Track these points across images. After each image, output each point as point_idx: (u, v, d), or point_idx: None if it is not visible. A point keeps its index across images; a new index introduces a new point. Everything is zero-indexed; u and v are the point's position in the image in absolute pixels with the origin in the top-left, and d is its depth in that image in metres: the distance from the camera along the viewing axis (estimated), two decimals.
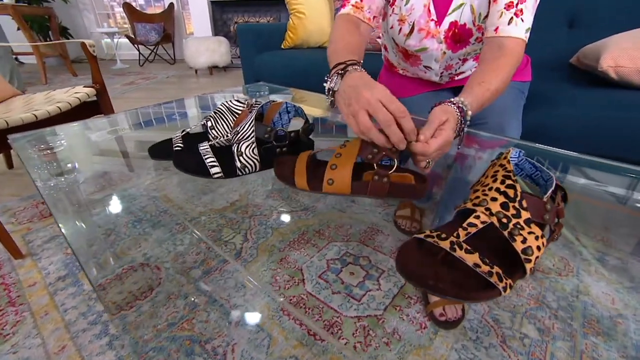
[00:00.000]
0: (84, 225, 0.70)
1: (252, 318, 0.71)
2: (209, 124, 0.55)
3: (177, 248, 0.90)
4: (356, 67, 0.52)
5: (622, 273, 0.85)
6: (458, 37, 0.76)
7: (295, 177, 0.42)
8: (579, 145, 0.84)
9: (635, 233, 0.98)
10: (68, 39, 4.53)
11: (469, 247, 0.29)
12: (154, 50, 4.51)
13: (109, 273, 0.81)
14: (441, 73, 0.86)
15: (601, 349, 0.65)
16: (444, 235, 0.30)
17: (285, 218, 1.07)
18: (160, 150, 0.56)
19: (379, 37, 1.54)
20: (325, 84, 0.53)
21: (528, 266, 0.28)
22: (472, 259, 0.28)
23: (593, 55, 0.91)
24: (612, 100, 0.81)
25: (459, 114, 0.48)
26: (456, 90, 0.93)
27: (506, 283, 0.27)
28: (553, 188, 0.32)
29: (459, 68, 0.85)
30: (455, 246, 0.29)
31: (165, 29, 4.35)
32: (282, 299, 0.76)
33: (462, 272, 0.28)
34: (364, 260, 0.88)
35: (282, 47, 1.73)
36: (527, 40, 0.61)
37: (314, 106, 1.11)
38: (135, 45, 4.32)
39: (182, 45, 3.71)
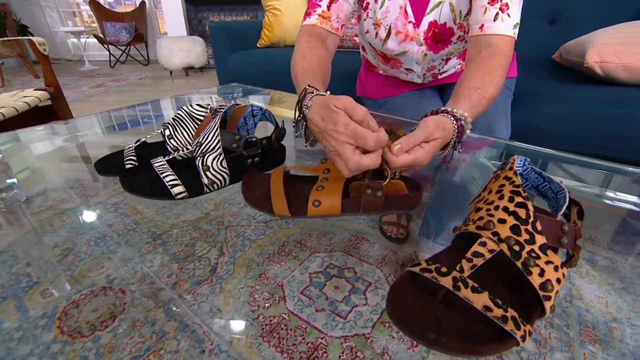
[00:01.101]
0: (32, 245, 0.61)
1: (228, 347, 0.64)
2: (167, 132, 0.47)
3: (145, 268, 0.82)
4: (313, 95, 0.48)
5: (612, 273, 0.83)
6: (439, 37, 0.72)
7: (272, 201, 0.36)
8: (566, 143, 0.82)
9: (620, 230, 0.97)
10: None
11: (475, 285, 0.23)
12: (126, 51, 4.32)
13: (62, 301, 0.72)
14: (424, 74, 0.82)
15: (600, 358, 0.62)
16: (444, 270, 0.24)
17: (264, 228, 1.00)
18: (111, 164, 0.48)
19: (356, 36, 1.49)
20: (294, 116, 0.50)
21: (548, 304, 0.23)
22: (480, 300, 0.22)
23: (577, 51, 0.89)
24: (599, 97, 0.79)
25: (455, 129, 0.43)
26: (440, 88, 0.89)
27: (525, 330, 0.22)
28: (567, 203, 0.27)
29: (442, 68, 0.81)
30: (460, 283, 0.23)
31: (137, 28, 4.17)
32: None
33: (469, 316, 0.23)
34: (349, 272, 0.82)
35: (258, 45, 1.65)
36: (515, 38, 0.57)
37: (292, 107, 1.04)
38: (105, 46, 4.12)
39: (156, 45, 3.55)
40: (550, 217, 0.26)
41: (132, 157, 0.44)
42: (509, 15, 0.57)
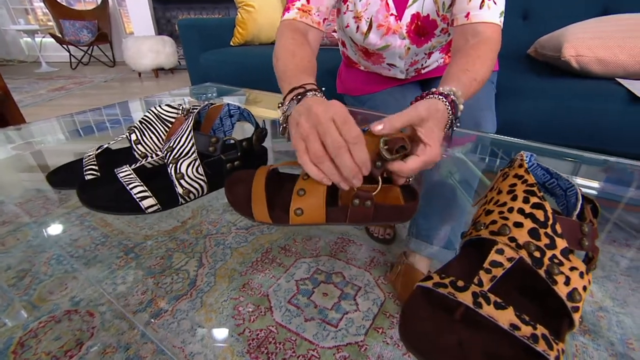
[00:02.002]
0: None
1: None
2: (133, 137, 0.42)
3: (117, 287, 0.75)
4: (316, 93, 0.43)
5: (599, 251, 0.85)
6: (422, 30, 0.70)
7: (252, 206, 0.32)
8: (547, 136, 0.82)
9: (600, 220, 1.00)
10: None
11: (498, 300, 0.20)
12: (88, 52, 4.07)
13: (18, 330, 0.64)
14: (406, 70, 0.80)
15: (591, 349, 0.62)
16: (460, 284, 0.21)
17: (245, 235, 0.95)
18: (68, 175, 0.42)
19: (335, 32, 1.46)
20: (278, 109, 0.43)
21: (576, 316, 0.21)
22: (506, 317, 0.20)
23: (552, 46, 0.90)
24: (576, 90, 0.80)
25: (447, 105, 0.39)
26: (423, 83, 0.87)
27: (558, 350, 0.19)
28: (581, 202, 0.25)
29: (425, 62, 0.79)
30: (480, 299, 0.20)
31: (100, 27, 3.94)
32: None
33: (494, 337, 0.20)
34: (337, 276, 0.79)
35: (232, 44, 1.58)
36: (502, 26, 0.56)
37: (269, 107, 1.00)
38: (64, 46, 3.85)
39: (122, 45, 3.37)
40: (568, 217, 0.24)
41: (93, 167, 0.38)
42: (495, 3, 0.56)
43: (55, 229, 0.89)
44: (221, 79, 1.37)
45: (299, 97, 0.41)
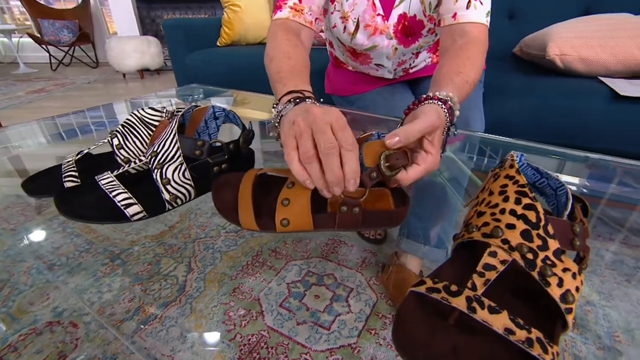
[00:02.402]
0: None
1: None
2: (115, 141, 0.40)
3: (103, 296, 0.72)
4: (315, 102, 0.41)
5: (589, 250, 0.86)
6: (409, 30, 0.70)
7: (239, 212, 0.31)
8: (534, 134, 0.84)
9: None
10: None
11: (492, 304, 0.20)
12: (70, 52, 3.95)
13: None
14: (394, 70, 0.80)
15: (579, 343, 0.64)
16: (454, 288, 0.21)
17: (235, 238, 0.94)
18: (46, 183, 0.40)
19: (322, 32, 1.46)
20: (273, 109, 0.42)
21: (570, 318, 0.21)
22: (500, 321, 0.19)
23: (537, 45, 0.92)
24: (561, 89, 0.81)
25: (446, 112, 0.39)
26: (411, 82, 0.88)
27: (552, 353, 0.19)
28: (572, 201, 0.25)
29: (412, 62, 0.80)
30: (474, 304, 0.20)
31: (81, 27, 3.83)
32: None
33: (489, 341, 0.20)
34: (329, 278, 0.78)
35: (218, 44, 1.56)
36: (488, 25, 0.56)
37: (257, 109, 0.99)
38: (44, 46, 3.72)
39: (105, 46, 3.29)
40: (559, 218, 0.24)
41: (73, 173, 0.36)
42: (481, 3, 0.56)
43: (35, 236, 0.86)
44: (208, 80, 1.35)
45: (297, 100, 0.41)
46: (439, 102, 0.38)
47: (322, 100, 0.43)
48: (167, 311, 0.69)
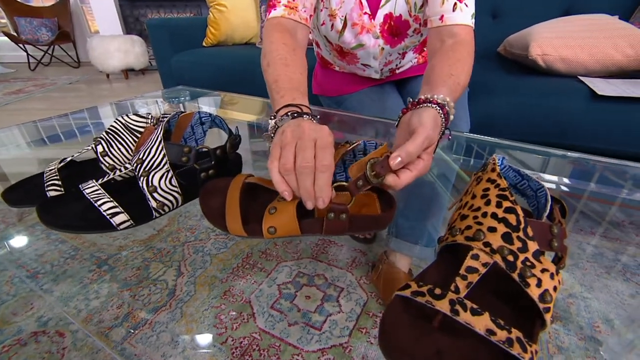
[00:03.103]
0: None
1: None
2: (100, 149, 0.40)
3: (90, 303, 0.71)
4: (312, 119, 0.42)
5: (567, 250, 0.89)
6: (395, 30, 0.71)
7: (226, 218, 0.31)
8: (515, 132, 0.85)
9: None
10: None
11: (474, 306, 0.21)
12: (49, 52, 3.83)
13: None
14: (381, 70, 0.80)
15: (562, 335, 0.66)
16: (438, 291, 0.22)
17: (225, 240, 0.94)
18: (28, 192, 0.39)
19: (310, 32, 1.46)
20: (270, 120, 0.43)
21: (548, 316, 0.22)
22: (482, 323, 0.20)
23: (520, 45, 0.94)
24: (543, 88, 0.83)
25: (442, 117, 0.39)
26: (398, 83, 0.88)
27: (531, 352, 0.20)
28: (551, 202, 0.26)
29: (399, 63, 0.80)
30: (457, 306, 0.21)
31: (61, 25, 3.72)
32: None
33: (471, 342, 0.20)
34: (320, 278, 0.79)
35: (204, 44, 1.54)
36: (473, 27, 0.57)
37: (244, 111, 0.98)
38: (21, 45, 3.60)
39: (87, 45, 3.21)
40: (538, 220, 0.25)
41: (56, 182, 0.35)
42: (466, 5, 0.57)
43: (17, 244, 0.84)
44: (194, 81, 1.33)
45: (295, 115, 0.42)
46: (437, 107, 0.39)
47: (317, 117, 0.44)
48: (157, 316, 0.68)
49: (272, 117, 0.43)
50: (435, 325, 0.21)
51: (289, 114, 0.42)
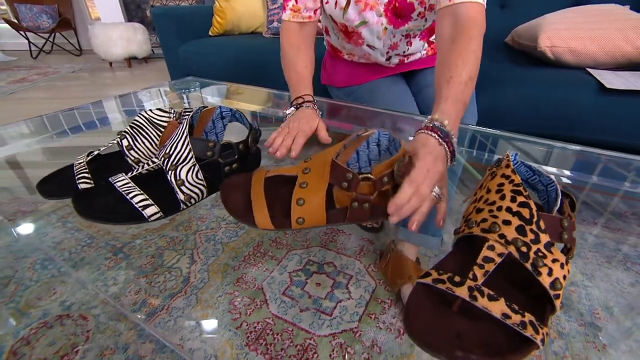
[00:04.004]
0: None
1: None
2: (125, 142, 0.41)
3: (109, 289, 0.74)
4: (309, 104, 0.63)
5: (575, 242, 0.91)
6: (399, 11, 0.71)
7: (254, 214, 0.32)
8: (523, 125, 0.86)
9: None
10: None
11: (491, 292, 0.23)
12: (50, 39, 3.80)
13: (8, 338, 0.63)
14: (387, 53, 0.80)
15: (563, 321, 0.68)
16: (457, 279, 0.24)
17: (235, 229, 0.96)
18: (59, 184, 0.41)
19: (319, 21, 1.45)
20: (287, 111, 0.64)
21: (557, 302, 0.24)
22: (498, 308, 0.22)
23: (529, 35, 0.93)
24: (552, 80, 0.84)
25: (445, 147, 0.40)
26: (407, 75, 0.89)
27: (543, 333, 0.22)
28: (561, 197, 0.28)
29: (407, 49, 0.80)
30: (475, 293, 0.23)
31: (61, 12, 3.68)
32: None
33: (488, 325, 0.22)
34: (329, 266, 0.81)
35: (210, 33, 1.53)
36: (485, 5, 0.57)
37: (250, 102, 0.99)
38: (22, 33, 3.57)
39: (88, 33, 3.18)
40: (549, 214, 0.27)
41: (86, 175, 0.37)
42: None
43: (35, 232, 0.86)
44: (202, 71, 1.33)
45: (299, 106, 0.62)
46: (432, 135, 0.40)
47: (315, 102, 0.66)
48: (173, 302, 0.71)
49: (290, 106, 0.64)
50: (455, 309, 0.23)
51: (295, 105, 0.63)
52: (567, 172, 0.63)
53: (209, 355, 0.61)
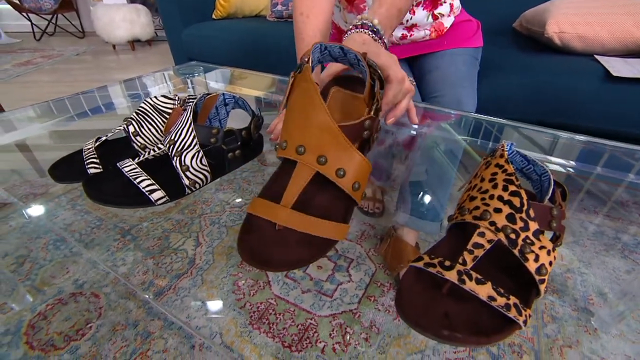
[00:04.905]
0: None
1: (219, 339, 0.64)
2: (131, 129, 0.42)
3: (118, 269, 0.77)
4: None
5: (566, 229, 0.92)
6: None
7: (321, 232, 0.28)
8: (526, 112, 0.86)
9: (571, 189, 1.07)
10: None
11: (479, 276, 0.24)
12: (53, 21, 3.77)
13: (26, 313, 0.66)
14: None
15: (557, 306, 0.70)
16: (447, 263, 0.25)
17: (239, 213, 0.98)
18: (69, 169, 0.42)
19: None
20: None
21: (542, 287, 0.25)
22: (485, 290, 0.24)
23: (537, 21, 0.91)
24: (558, 67, 0.83)
25: (379, 40, 0.43)
26: (410, 61, 0.88)
27: (525, 315, 0.23)
28: (553, 187, 0.29)
29: (410, 18, 0.78)
30: (464, 276, 0.24)
31: None
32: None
33: (474, 307, 0.24)
34: (331, 250, 0.84)
35: (214, 17, 1.51)
36: None
37: (254, 87, 0.99)
38: (24, 14, 3.54)
39: (91, 15, 3.14)
40: (540, 203, 0.28)
41: (94, 160, 0.39)
42: None
43: (47, 214, 0.89)
44: (205, 55, 1.33)
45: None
46: (363, 31, 0.44)
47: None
48: (179, 282, 0.74)
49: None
50: (445, 292, 0.25)
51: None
52: (571, 162, 0.63)
53: (214, 333, 0.64)
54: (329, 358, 0.60)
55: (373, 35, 0.44)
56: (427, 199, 0.75)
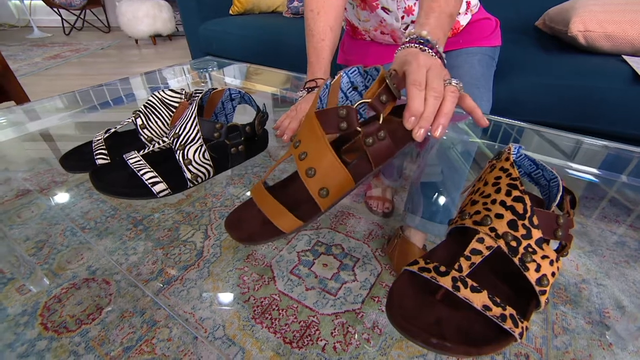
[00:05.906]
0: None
1: (221, 331, 0.65)
2: (139, 121, 0.43)
3: (129, 258, 0.79)
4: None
5: (583, 237, 0.88)
6: None
7: (275, 222, 0.31)
8: (546, 114, 0.82)
9: (590, 196, 1.02)
10: None
11: (474, 284, 0.23)
12: (81, 16, 3.91)
13: (43, 296, 0.69)
14: (402, 18, 0.78)
15: (570, 317, 0.67)
16: (443, 269, 0.24)
17: None
18: (79, 159, 0.44)
19: None
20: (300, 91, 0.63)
21: (543, 298, 0.24)
22: (480, 299, 0.23)
23: (561, 19, 0.87)
24: (581, 67, 0.79)
25: (432, 53, 0.39)
26: None
27: (522, 327, 0.22)
28: (561, 193, 0.27)
29: None
30: (459, 283, 0.23)
31: None
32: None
33: (468, 316, 0.23)
34: (337, 248, 0.83)
35: (231, 12, 1.53)
36: None
37: (268, 83, 0.99)
38: (55, 10, 3.69)
39: (116, 10, 3.24)
40: (546, 210, 0.26)
41: (103, 151, 0.40)
42: None
43: (66, 201, 0.92)
44: (222, 51, 1.34)
45: (310, 89, 0.60)
46: (416, 46, 0.40)
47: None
48: (187, 274, 0.76)
49: (303, 87, 0.62)
50: (438, 298, 0.24)
51: (307, 89, 0.61)
52: (593, 170, 0.60)
53: (217, 325, 0.65)
54: (329, 356, 0.60)
55: (421, 47, 0.41)
56: (437, 200, 0.73)
